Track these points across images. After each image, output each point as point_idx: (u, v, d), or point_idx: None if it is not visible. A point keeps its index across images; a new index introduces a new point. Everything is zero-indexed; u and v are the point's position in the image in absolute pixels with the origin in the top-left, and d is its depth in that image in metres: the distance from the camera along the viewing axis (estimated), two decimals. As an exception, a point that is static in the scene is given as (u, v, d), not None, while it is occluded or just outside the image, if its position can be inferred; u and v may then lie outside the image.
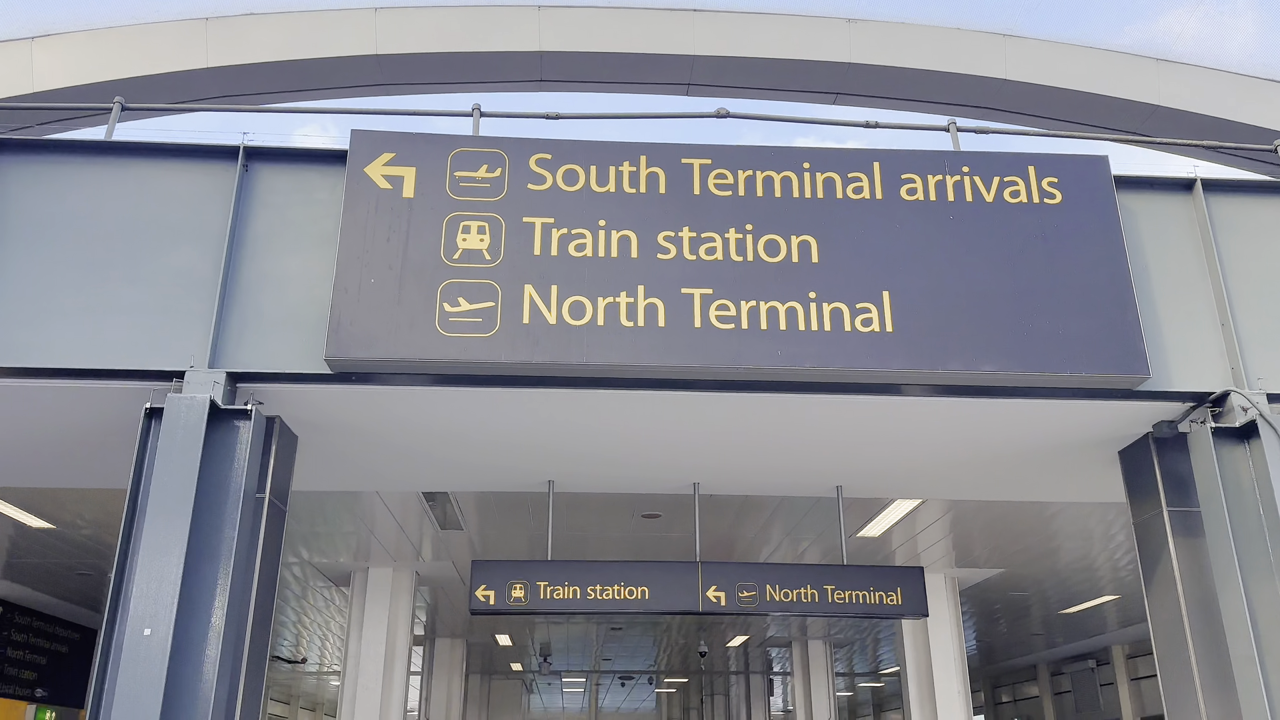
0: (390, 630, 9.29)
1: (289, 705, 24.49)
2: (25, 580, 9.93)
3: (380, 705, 8.98)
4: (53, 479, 6.28)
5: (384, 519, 7.92)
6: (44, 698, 11.57)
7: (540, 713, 32.88)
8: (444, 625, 13.72)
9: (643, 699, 30.65)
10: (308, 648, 15.89)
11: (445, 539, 8.61)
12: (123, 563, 4.45)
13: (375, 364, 4.79)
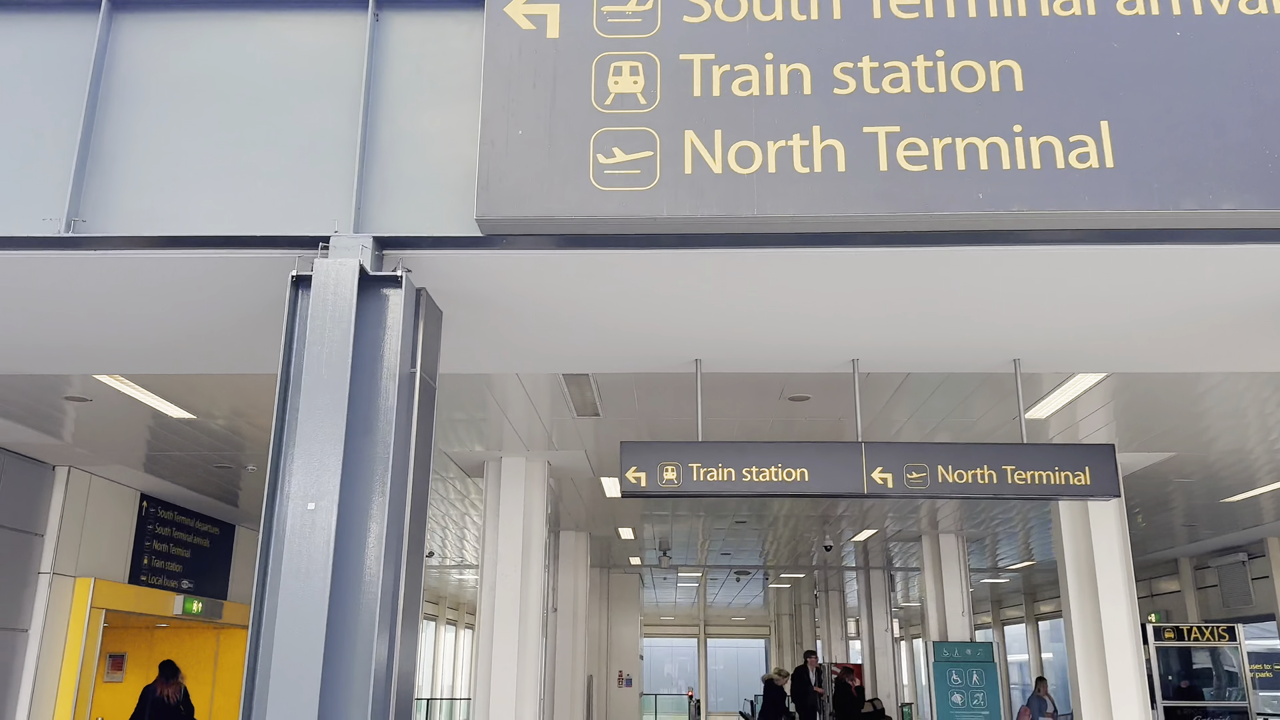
0: (526, 521, 9.18)
1: (436, 605, 25.37)
2: (166, 474, 10.14)
3: (520, 596, 8.93)
4: (192, 364, 6.17)
5: (520, 405, 7.67)
6: (189, 589, 12.00)
7: (652, 607, 33.52)
8: (568, 518, 13.73)
9: (753, 595, 30.88)
10: (430, 541, 16.20)
11: (579, 427, 8.35)
12: (280, 436, 4.24)
13: (527, 223, 4.40)
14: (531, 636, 8.96)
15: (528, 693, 8.80)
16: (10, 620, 8.90)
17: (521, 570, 9.01)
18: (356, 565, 4.14)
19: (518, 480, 9.25)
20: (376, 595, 4.10)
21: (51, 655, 9.24)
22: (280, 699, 3.82)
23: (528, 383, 7.16)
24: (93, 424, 8.14)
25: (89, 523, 9.91)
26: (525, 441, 8.88)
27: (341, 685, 3.98)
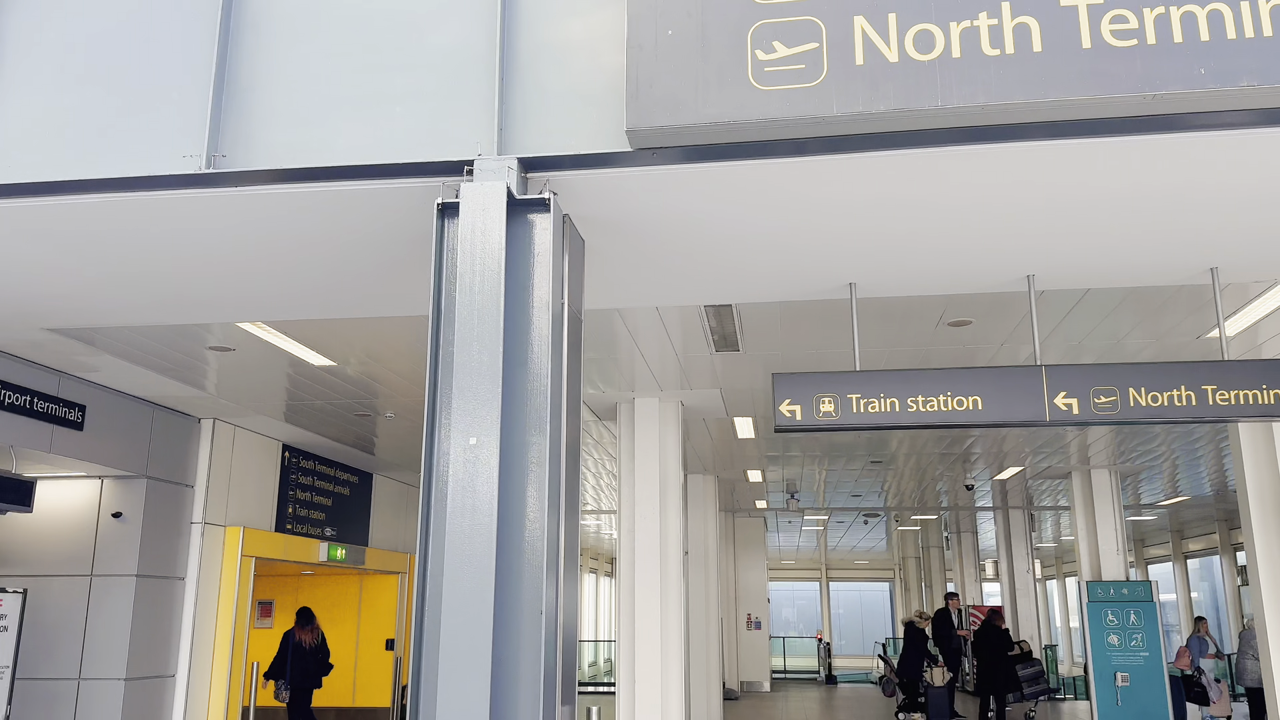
0: (661, 464, 8.96)
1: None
2: (306, 424, 10.30)
3: (660, 539, 8.75)
4: (335, 308, 6.08)
5: (656, 342, 7.38)
6: (332, 536, 12.28)
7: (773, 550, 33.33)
8: (696, 461, 13.51)
9: (877, 538, 30.32)
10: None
11: (716, 364, 8.03)
12: (435, 371, 4.05)
13: (681, 131, 4.05)
14: (673, 579, 8.78)
15: (672, 635, 8.65)
16: (168, 569, 9.21)
17: (660, 513, 8.81)
18: (519, 502, 3.94)
19: (651, 422, 9.02)
20: (542, 531, 3.90)
21: (207, 602, 9.55)
22: (453, 639, 3.66)
23: (666, 317, 6.86)
24: (235, 375, 8.24)
25: (235, 473, 10.16)
26: (659, 381, 8.61)
27: (511, 624, 3.80)
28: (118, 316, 6.37)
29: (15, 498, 7.23)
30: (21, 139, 4.51)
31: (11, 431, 7.26)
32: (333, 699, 14.09)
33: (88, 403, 8.14)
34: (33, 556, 8.92)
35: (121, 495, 8.93)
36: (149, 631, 8.87)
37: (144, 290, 5.83)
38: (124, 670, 8.51)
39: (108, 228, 4.85)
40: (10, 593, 7.12)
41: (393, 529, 14.25)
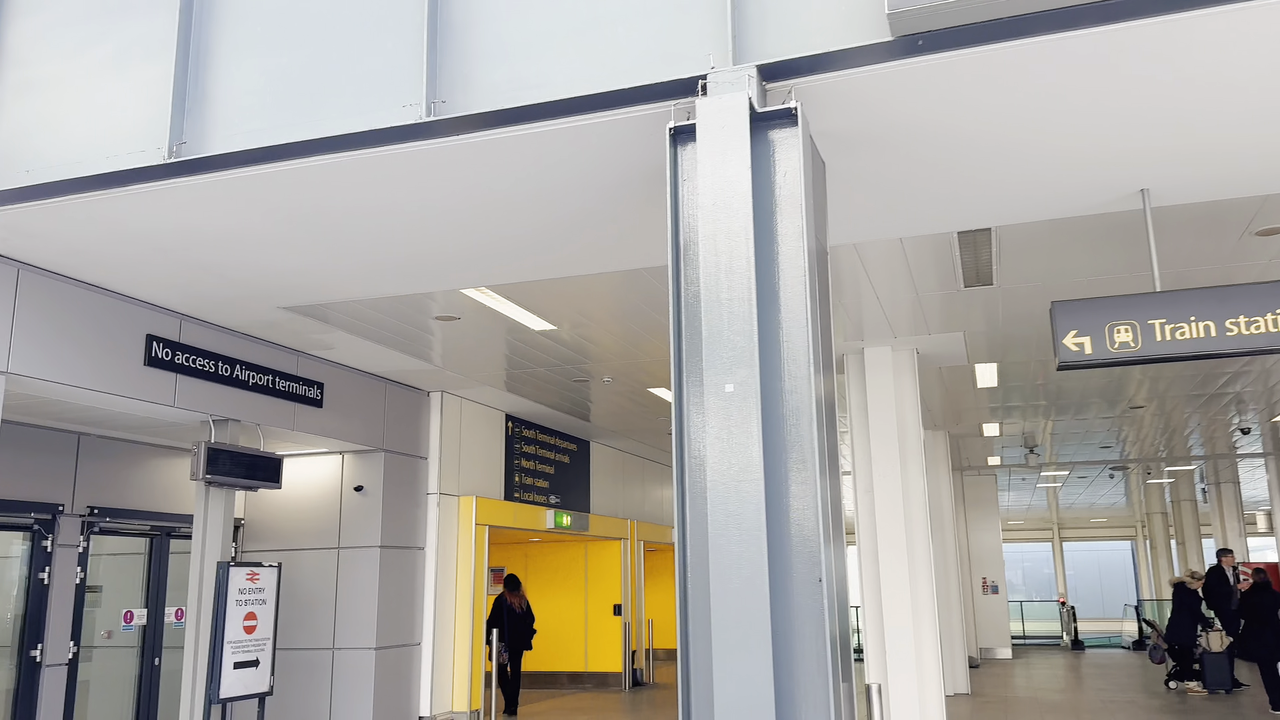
0: (900, 419, 8.26)
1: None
2: (526, 392, 10.28)
3: (903, 501, 8.08)
4: (558, 265, 5.80)
5: (895, 279, 6.69)
6: (557, 504, 12.33)
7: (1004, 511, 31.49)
8: (926, 416, 12.62)
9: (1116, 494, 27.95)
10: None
11: (963, 302, 7.23)
12: (679, 313, 3.63)
13: (956, 9, 3.40)
14: (919, 542, 8.10)
15: (923, 602, 7.98)
16: (409, 539, 9.43)
17: (901, 473, 8.13)
18: (780, 455, 3.46)
19: (884, 373, 8.33)
20: (812, 489, 3.40)
21: (446, 571, 9.73)
22: (727, 611, 3.23)
23: (909, 250, 6.16)
24: (459, 345, 8.22)
25: (464, 444, 10.29)
26: (893, 327, 7.90)
27: (787, 593, 3.34)
28: (346, 290, 6.38)
29: (266, 475, 7.50)
30: (242, 106, 4.43)
31: (258, 410, 7.51)
32: (565, 663, 14.30)
33: (325, 380, 8.36)
34: (284, 531, 9.35)
35: (361, 469, 9.18)
36: (394, 601, 9.11)
37: (370, 261, 5.76)
38: (374, 639, 8.77)
39: (331, 194, 4.74)
40: (267, 566, 7.40)
41: (612, 496, 14.22)
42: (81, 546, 8.03)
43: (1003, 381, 10.31)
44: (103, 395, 6.26)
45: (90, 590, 8.50)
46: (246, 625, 7.14)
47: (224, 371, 7.16)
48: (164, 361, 6.63)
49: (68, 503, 7.96)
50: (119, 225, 5.16)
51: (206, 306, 6.71)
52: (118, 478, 8.50)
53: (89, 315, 6.12)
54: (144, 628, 8.71)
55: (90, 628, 8.36)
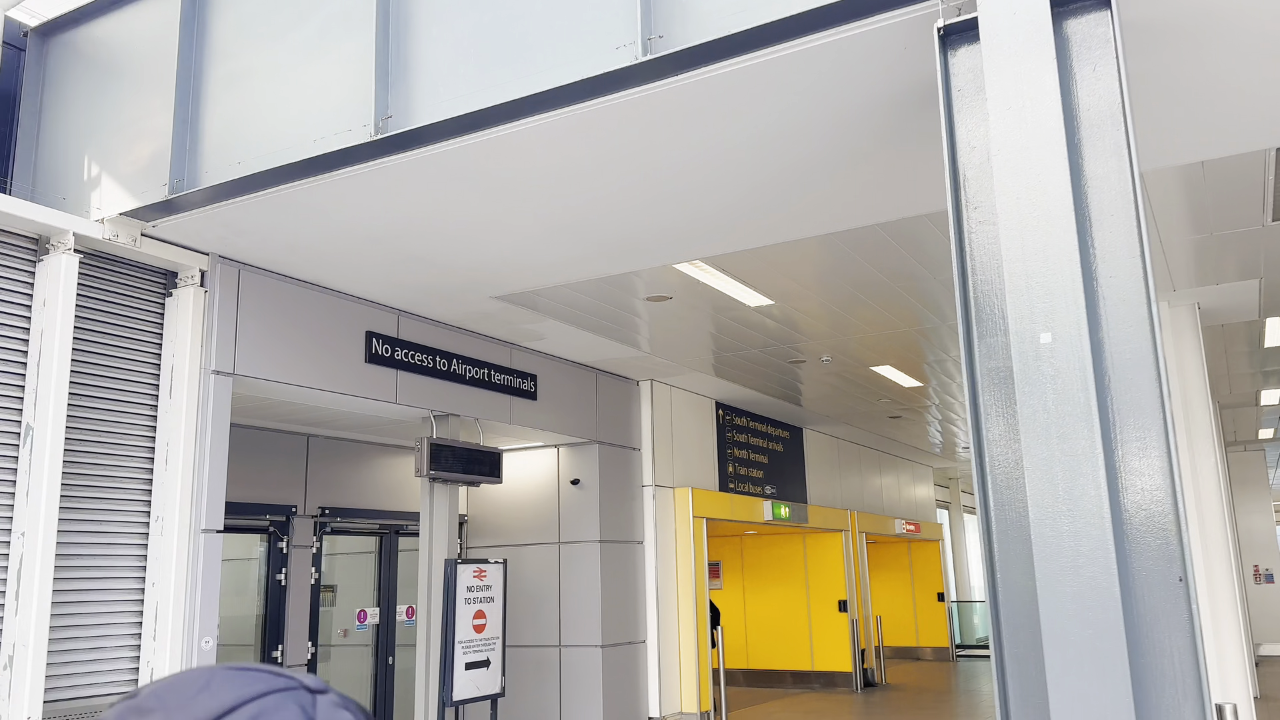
0: (1184, 389, 7.13)
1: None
2: (736, 377, 9.76)
3: (1192, 483, 6.96)
4: (786, 226, 5.22)
5: (1182, 215, 5.67)
6: (773, 494, 11.73)
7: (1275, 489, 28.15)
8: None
9: None
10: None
11: (1268, 240, 6.08)
12: (962, 248, 2.97)
13: None
14: (1214, 531, 6.95)
15: (1223, 597, 6.83)
16: (627, 533, 9.11)
17: (1188, 449, 7.00)
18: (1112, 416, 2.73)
19: (1165, 333, 7.19)
20: (1161, 463, 2.66)
21: (666, 565, 9.35)
22: (1063, 617, 2.55)
23: (1208, 176, 5.15)
24: (668, 328, 7.79)
25: (676, 434, 9.89)
26: (1172, 277, 6.80)
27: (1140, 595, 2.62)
28: (557, 274, 6.05)
29: (487, 469, 7.34)
30: (444, 72, 4.11)
31: (475, 404, 7.36)
32: (789, 662, 13.68)
33: (538, 372, 8.15)
34: (507, 526, 9.25)
35: (577, 462, 8.94)
36: (618, 597, 8.81)
37: (582, 238, 5.38)
38: (600, 637, 8.50)
39: (541, 161, 4.36)
40: (494, 563, 7.22)
41: (829, 485, 13.47)
42: (315, 547, 8.18)
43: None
44: (327, 394, 6.22)
45: (325, 590, 8.68)
46: (476, 624, 6.98)
47: (441, 366, 7.03)
48: (384, 358, 6.55)
49: (300, 504, 8.13)
50: (330, 216, 5.01)
51: (421, 300, 6.58)
52: (346, 478, 8.64)
53: (309, 314, 6.09)
54: (377, 627, 8.81)
55: (326, 627, 8.52)
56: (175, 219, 4.98)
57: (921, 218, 5.32)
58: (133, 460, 5.09)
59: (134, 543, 5.04)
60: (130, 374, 5.14)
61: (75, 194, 5.07)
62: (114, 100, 5.07)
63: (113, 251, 5.06)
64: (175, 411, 5.20)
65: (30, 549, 4.40)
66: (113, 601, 4.88)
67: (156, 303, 5.35)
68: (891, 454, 16.07)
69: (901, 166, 4.46)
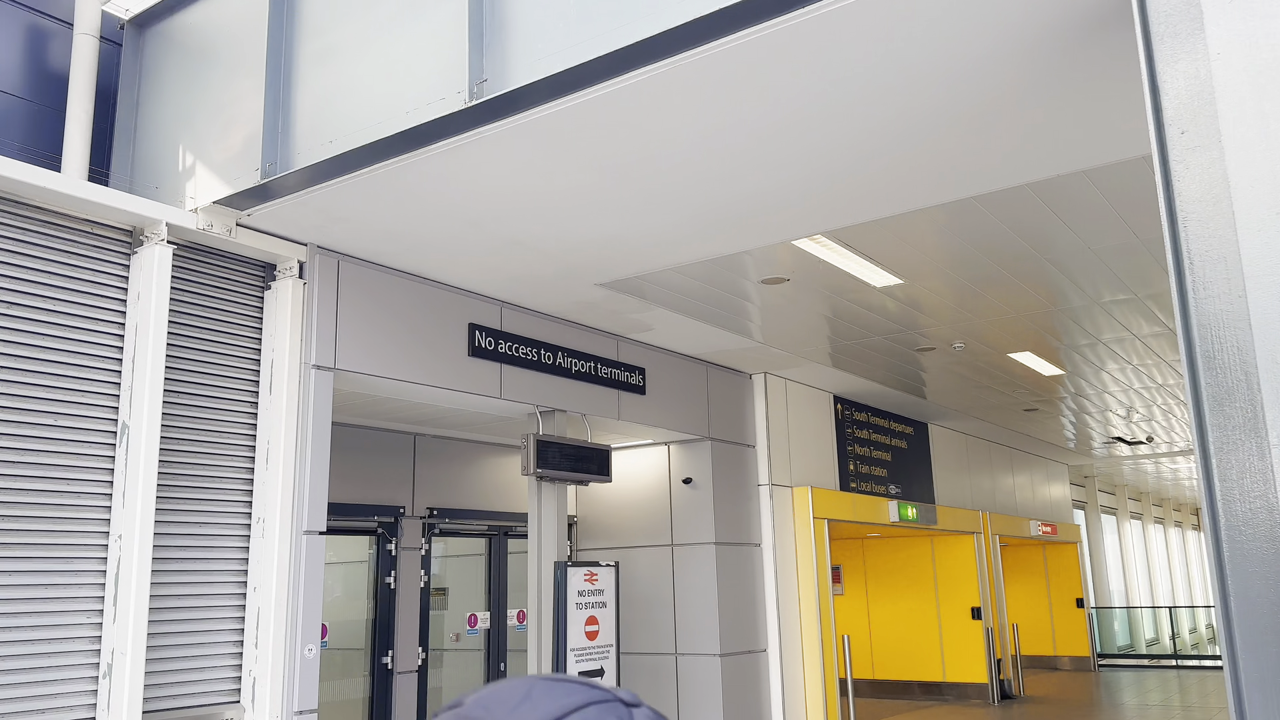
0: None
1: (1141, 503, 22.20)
2: (855, 368, 9.17)
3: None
4: (919, 192, 4.69)
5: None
6: (897, 494, 11.06)
7: None
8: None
9: None
10: (1149, 423, 13.38)
11: None
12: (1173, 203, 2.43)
13: None
14: None
15: None
16: (744, 535, 8.63)
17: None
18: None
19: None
20: None
21: (786, 569, 8.83)
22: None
23: None
24: (782, 315, 7.29)
25: (793, 430, 9.36)
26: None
27: None
28: (664, 255, 5.66)
29: (596, 467, 6.99)
30: (542, 27, 3.74)
31: (582, 400, 7.02)
32: (918, 672, 12.94)
33: (646, 366, 7.77)
34: (617, 528, 8.89)
35: (689, 460, 8.52)
36: (735, 602, 8.34)
37: (692, 212, 4.96)
38: (718, 645, 8.04)
39: (646, 121, 3.96)
40: (605, 566, 6.86)
41: (957, 484, 12.68)
42: (424, 549, 7.98)
43: None
44: (430, 389, 5.96)
45: (436, 593, 8.49)
46: (588, 630, 6.63)
47: (546, 359, 6.72)
48: (487, 351, 6.27)
49: (408, 504, 7.94)
50: (427, 198, 4.73)
51: (524, 289, 6.27)
52: (453, 477, 8.42)
53: (410, 305, 5.85)
54: (488, 631, 8.57)
55: (438, 631, 8.32)
56: (270, 206, 4.78)
57: (1078, 175, 4.70)
58: (232, 460, 4.91)
59: (234, 546, 4.85)
60: (228, 370, 4.96)
61: (170, 185, 4.92)
62: (207, 87, 4.91)
63: (208, 243, 4.89)
64: (275, 409, 5.00)
65: (128, 553, 4.22)
66: (213, 607, 4.69)
67: (255, 295, 5.17)
68: (1024, 450, 15.11)
69: (1064, 114, 3.89)
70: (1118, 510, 22.16)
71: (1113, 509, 21.95)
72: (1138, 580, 23.44)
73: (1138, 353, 8.98)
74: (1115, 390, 10.69)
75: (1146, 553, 24.40)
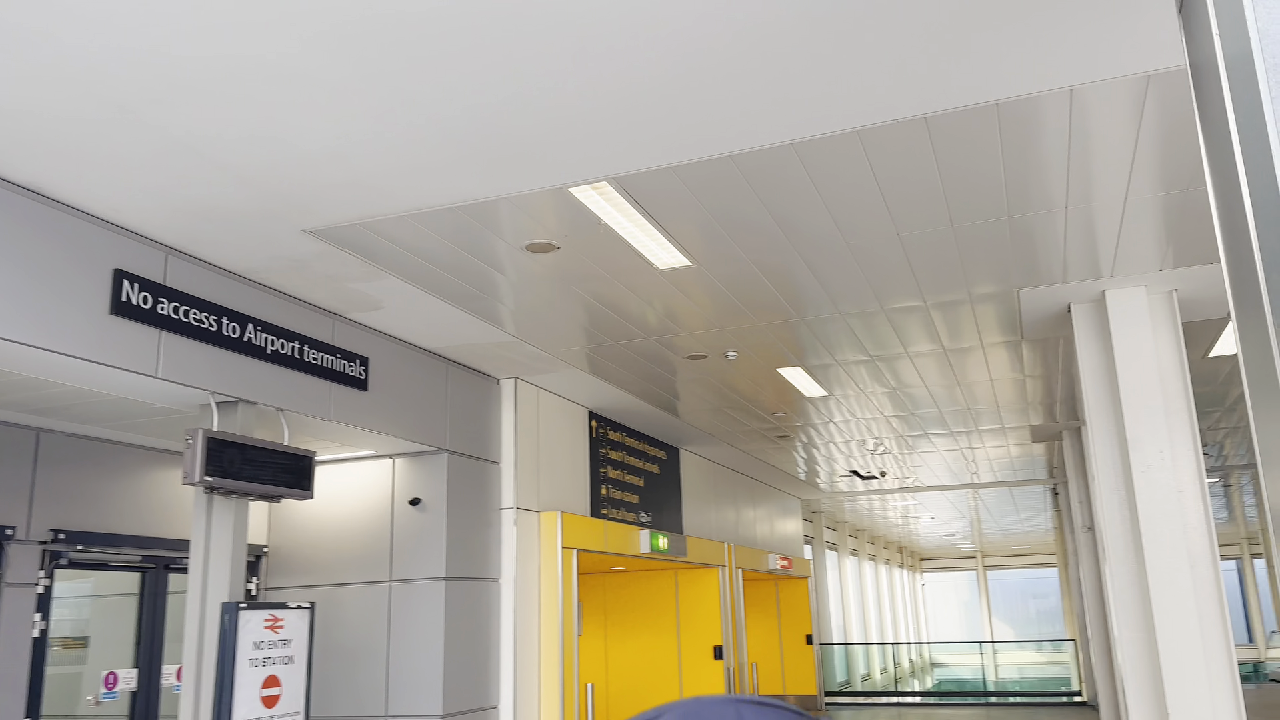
0: (1166, 398, 5.96)
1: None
2: (612, 376, 8.11)
3: (1180, 508, 5.78)
4: (757, 123, 3.62)
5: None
6: (649, 523, 10.09)
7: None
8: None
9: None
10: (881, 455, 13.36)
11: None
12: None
13: None
14: (1203, 560, 5.76)
15: (1215, 638, 5.63)
16: (480, 568, 7.22)
17: (1173, 471, 5.82)
18: None
19: (1138, 328, 6.03)
20: None
21: (527, 608, 7.51)
22: None
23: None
24: (541, 299, 6.07)
25: (544, 447, 8.11)
26: (1152, 254, 5.62)
27: None
28: (399, 193, 4.27)
29: (293, 480, 5.35)
30: None
31: (280, 390, 5.38)
32: (655, 718, 11.95)
33: (371, 355, 6.23)
34: (320, 560, 7.19)
35: (419, 476, 7.02)
36: (465, 650, 6.89)
37: (439, 127, 3.61)
38: (440, 704, 6.54)
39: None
40: (295, 608, 5.22)
41: (705, 514, 11.95)
42: (42, 585, 5.89)
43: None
44: (50, 357, 4.16)
45: (69, 644, 6.40)
46: (266, 695, 4.95)
47: (231, 332, 5.04)
48: (140, 311, 4.53)
49: (21, 524, 5.83)
50: (40, 45, 3.06)
51: (201, 230, 4.61)
52: (92, 491, 6.36)
53: (26, 236, 4.03)
54: (134, 694, 6.54)
55: (67, 693, 6.23)
56: None
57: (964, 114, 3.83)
58: None
59: None
60: None
61: None
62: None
63: None
64: None
65: None
66: None
67: None
68: (764, 481, 14.77)
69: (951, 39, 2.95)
70: (839, 546, 22.74)
71: (835, 544, 22.48)
72: (854, 616, 24.18)
73: (908, 375, 8.57)
74: (869, 417, 10.36)
75: (861, 588, 25.31)
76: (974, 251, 5.42)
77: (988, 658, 24.79)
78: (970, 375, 8.54)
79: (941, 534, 28.23)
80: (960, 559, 37.64)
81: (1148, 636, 5.82)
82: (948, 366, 8.17)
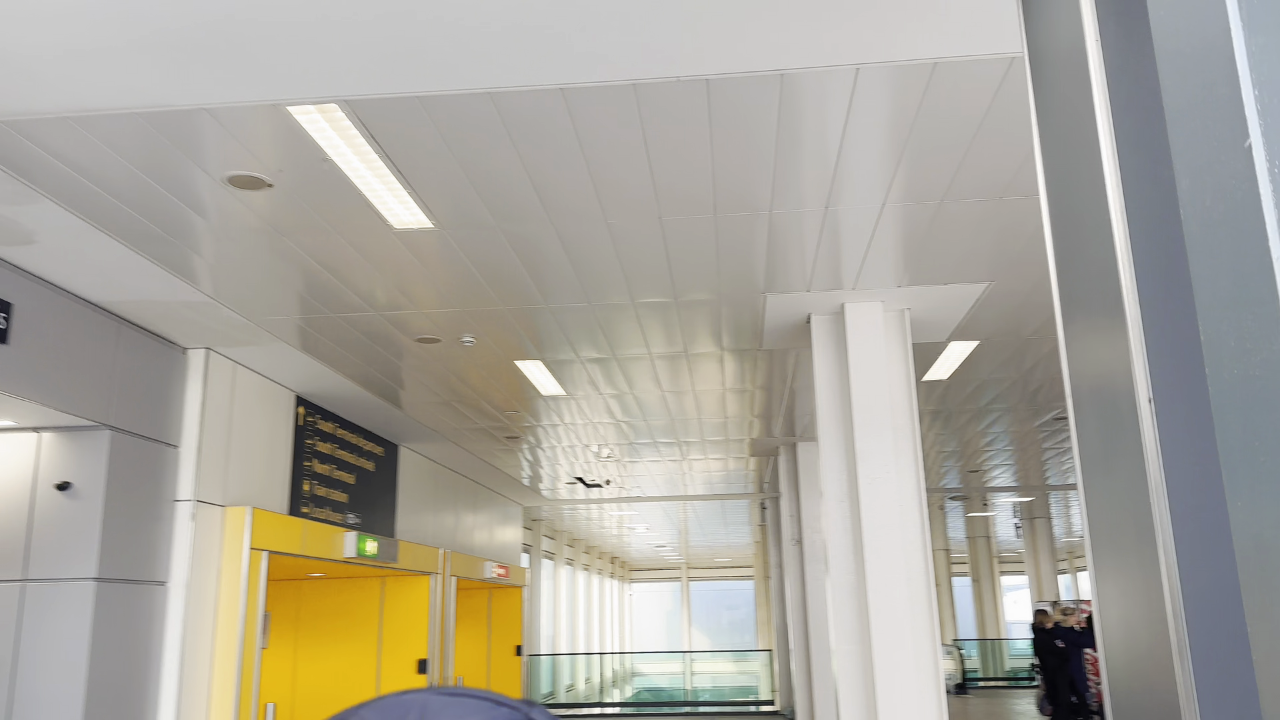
0: (893, 412, 6.06)
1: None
2: (328, 355, 7.21)
3: (899, 518, 5.86)
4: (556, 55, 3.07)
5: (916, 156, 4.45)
6: (356, 525, 9.18)
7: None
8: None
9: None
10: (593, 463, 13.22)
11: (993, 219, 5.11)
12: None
13: None
14: (917, 572, 5.88)
15: (924, 646, 5.74)
16: (143, 570, 6.08)
17: (896, 479, 5.91)
18: None
19: (872, 342, 6.10)
20: None
21: (200, 617, 6.44)
22: None
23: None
24: (248, 249, 5.18)
25: (237, 431, 7.05)
26: (893, 269, 5.70)
27: None
28: (64, 81, 3.33)
29: (-118, 448, 4.11)
30: None
31: (-128, 329, 4.13)
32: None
33: (16, 301, 5.02)
34: (-73, 554, 5.74)
35: (70, 456, 5.79)
36: (116, 667, 5.74)
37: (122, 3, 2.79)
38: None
39: None
40: None
41: (420, 518, 11.16)
42: None
43: (967, 373, 8.42)
44: None
45: None
46: None
47: None
48: None
49: None
50: None
51: None
52: None
53: None
54: None
55: None
56: None
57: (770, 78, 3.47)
58: None
59: None
60: None
61: None
62: None
63: None
64: None
65: None
66: None
67: None
68: (487, 485, 14.16)
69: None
70: (555, 555, 22.52)
71: (552, 554, 22.23)
72: (564, 626, 24.04)
73: (645, 379, 8.34)
74: (602, 421, 10.08)
75: (574, 598, 25.25)
76: (731, 247, 5.20)
77: (686, 667, 25.55)
78: (703, 383, 8.46)
79: (653, 545, 28.89)
80: (667, 569, 38.86)
81: (863, 648, 5.85)
82: (685, 372, 8.02)
